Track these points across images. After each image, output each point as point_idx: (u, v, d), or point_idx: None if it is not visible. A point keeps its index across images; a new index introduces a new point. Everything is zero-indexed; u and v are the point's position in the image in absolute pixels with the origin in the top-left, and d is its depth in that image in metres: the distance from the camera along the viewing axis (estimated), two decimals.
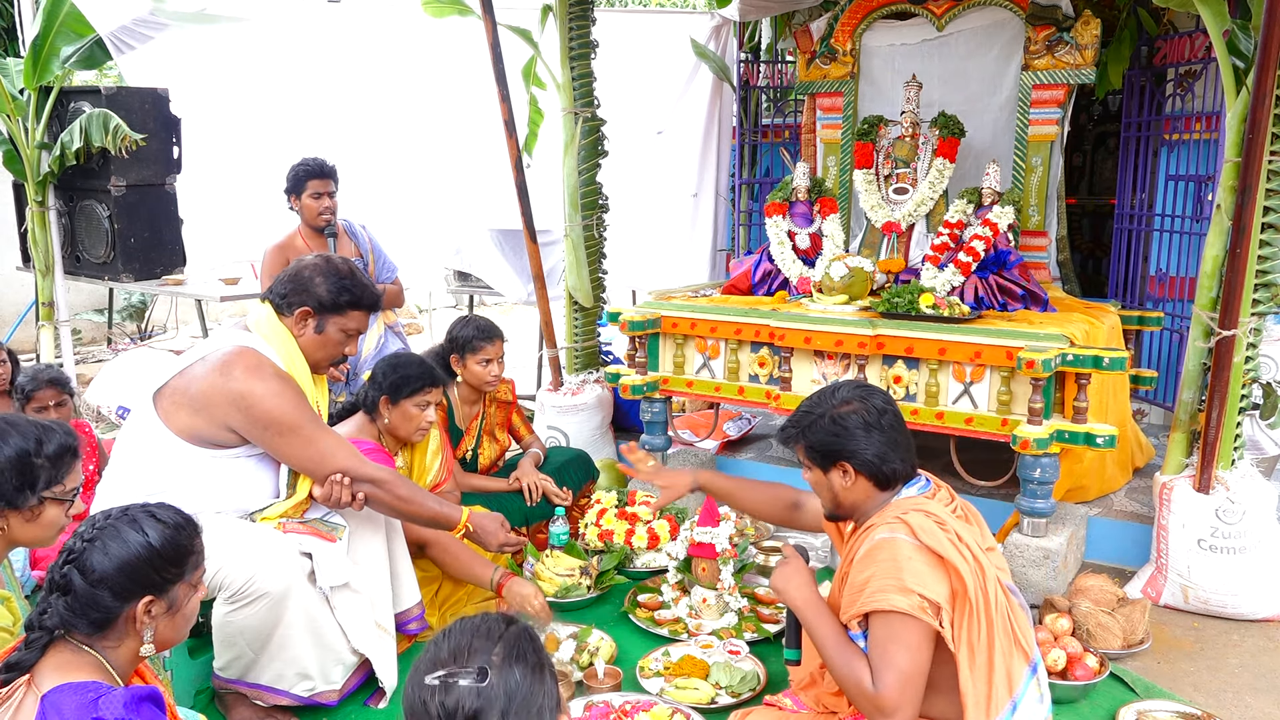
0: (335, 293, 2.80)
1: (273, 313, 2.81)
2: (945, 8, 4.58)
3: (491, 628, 1.43)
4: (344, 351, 2.90)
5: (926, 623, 2.08)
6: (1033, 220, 4.43)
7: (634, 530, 3.78)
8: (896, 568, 2.11)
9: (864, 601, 2.13)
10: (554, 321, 5.17)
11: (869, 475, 2.26)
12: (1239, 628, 3.41)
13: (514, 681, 1.35)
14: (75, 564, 1.76)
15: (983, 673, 2.12)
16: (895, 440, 2.27)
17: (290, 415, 2.66)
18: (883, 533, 2.19)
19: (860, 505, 2.31)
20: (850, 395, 2.31)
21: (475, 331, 3.73)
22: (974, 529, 2.26)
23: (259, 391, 2.62)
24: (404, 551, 3.11)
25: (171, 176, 5.46)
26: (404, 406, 3.19)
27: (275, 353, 2.75)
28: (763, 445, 5.05)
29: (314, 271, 2.82)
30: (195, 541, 1.90)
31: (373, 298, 2.90)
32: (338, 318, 2.83)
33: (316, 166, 4.37)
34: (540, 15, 5.11)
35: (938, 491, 2.31)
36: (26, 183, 5.37)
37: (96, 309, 8.69)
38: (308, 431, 2.69)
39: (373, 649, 2.80)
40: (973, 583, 2.11)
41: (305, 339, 2.82)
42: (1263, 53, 3.06)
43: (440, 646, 1.41)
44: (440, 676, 1.35)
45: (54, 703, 1.63)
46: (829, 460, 2.28)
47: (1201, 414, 3.50)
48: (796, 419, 2.36)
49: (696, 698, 2.81)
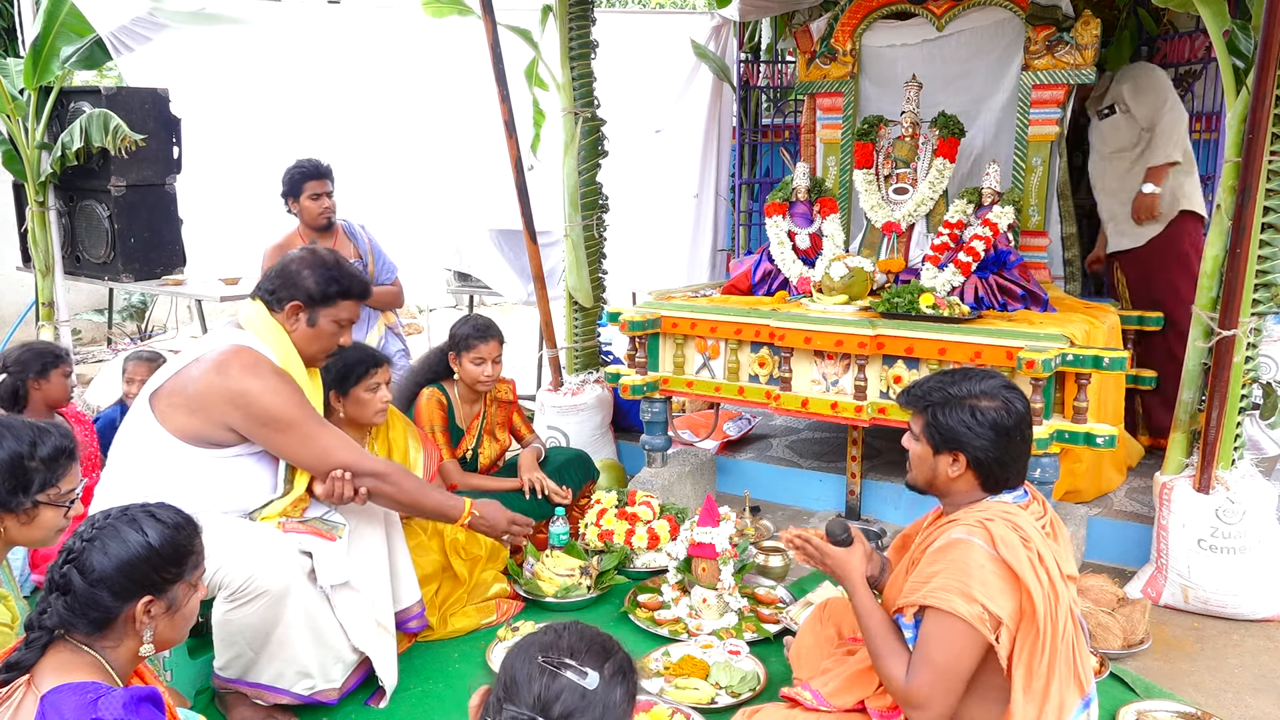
0: (324, 284, 2.79)
1: (264, 309, 2.80)
2: (945, 8, 4.58)
3: (608, 644, 1.46)
4: (338, 343, 2.88)
5: (981, 634, 2.05)
6: (1033, 220, 4.43)
7: (634, 530, 3.78)
8: (966, 573, 2.08)
9: (925, 594, 2.11)
10: (554, 322, 5.17)
11: (979, 474, 2.22)
12: (1239, 628, 3.41)
13: (613, 699, 1.39)
14: (75, 564, 1.76)
15: (1037, 697, 2.09)
16: (1020, 451, 2.22)
17: (289, 412, 2.66)
18: (960, 532, 2.15)
19: (954, 495, 2.26)
20: (994, 390, 2.22)
21: (471, 330, 3.73)
22: (1059, 548, 2.20)
23: (257, 389, 2.62)
24: (404, 549, 3.11)
25: (171, 176, 5.45)
26: (355, 394, 3.19)
27: (270, 349, 2.75)
28: (762, 445, 5.05)
29: (301, 265, 2.81)
30: (195, 541, 1.90)
31: (361, 286, 2.89)
32: (329, 309, 2.81)
33: (312, 168, 4.36)
34: (540, 15, 5.11)
35: (1031, 504, 2.26)
36: (26, 183, 5.36)
37: (96, 309, 8.69)
38: (307, 428, 2.69)
39: (373, 648, 2.80)
40: (1043, 608, 2.06)
41: (298, 333, 2.81)
42: (1263, 53, 3.06)
43: (560, 636, 1.44)
44: (553, 662, 1.38)
45: (53, 703, 1.63)
46: (947, 445, 2.22)
47: (1201, 414, 3.50)
48: (930, 389, 2.28)
49: (696, 698, 2.81)
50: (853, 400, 3.84)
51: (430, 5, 5.22)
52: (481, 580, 3.45)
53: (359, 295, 2.88)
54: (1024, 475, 2.27)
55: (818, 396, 3.93)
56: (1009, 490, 2.25)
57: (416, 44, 5.98)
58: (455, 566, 3.38)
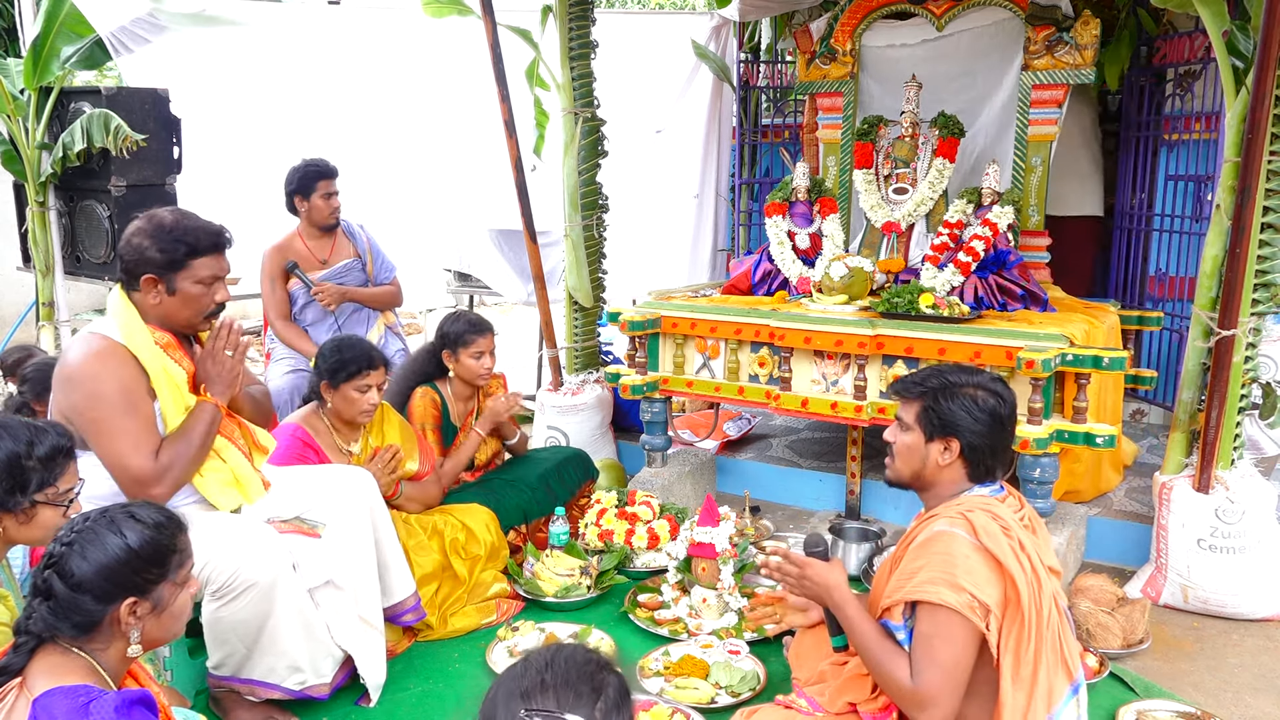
0: (169, 249, 2.59)
1: (119, 292, 2.66)
2: (945, 8, 4.58)
3: (597, 676, 1.30)
4: (213, 301, 2.68)
5: (974, 623, 2.06)
6: (1033, 220, 4.43)
7: (634, 530, 3.78)
8: (950, 563, 2.09)
9: (911, 589, 2.12)
10: (554, 321, 5.17)
11: (969, 463, 2.25)
12: (1239, 627, 3.41)
13: None
14: (55, 568, 1.74)
15: (1025, 685, 2.10)
16: (1007, 442, 2.28)
17: (94, 404, 2.52)
18: (942, 525, 2.17)
19: (938, 486, 2.28)
20: (987, 382, 2.29)
21: (466, 326, 3.73)
22: (1038, 540, 2.22)
23: (75, 378, 2.54)
24: (394, 543, 3.10)
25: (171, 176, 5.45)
26: (344, 390, 3.21)
27: (117, 331, 2.59)
28: (762, 445, 5.05)
29: (141, 236, 2.61)
30: (178, 540, 1.86)
31: (211, 238, 2.66)
32: (184, 273, 2.61)
33: (324, 167, 4.38)
34: (540, 15, 5.11)
35: (1007, 497, 2.29)
36: (27, 183, 5.36)
37: (96, 309, 8.66)
38: (111, 422, 2.53)
39: (356, 645, 2.80)
40: (1027, 594, 2.08)
41: (163, 305, 2.63)
42: (1262, 53, 3.06)
43: (543, 675, 1.28)
44: (540, 712, 1.25)
45: (45, 706, 1.62)
46: (943, 430, 2.24)
47: (1201, 414, 3.50)
48: (926, 378, 2.32)
49: (696, 698, 2.81)
50: (852, 400, 3.84)
51: (430, 5, 5.22)
52: (481, 580, 3.45)
53: (211, 249, 2.66)
54: (1008, 467, 2.31)
55: (818, 396, 3.93)
56: (989, 484, 2.28)
57: (416, 44, 5.98)
58: (455, 566, 3.38)
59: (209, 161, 5.63)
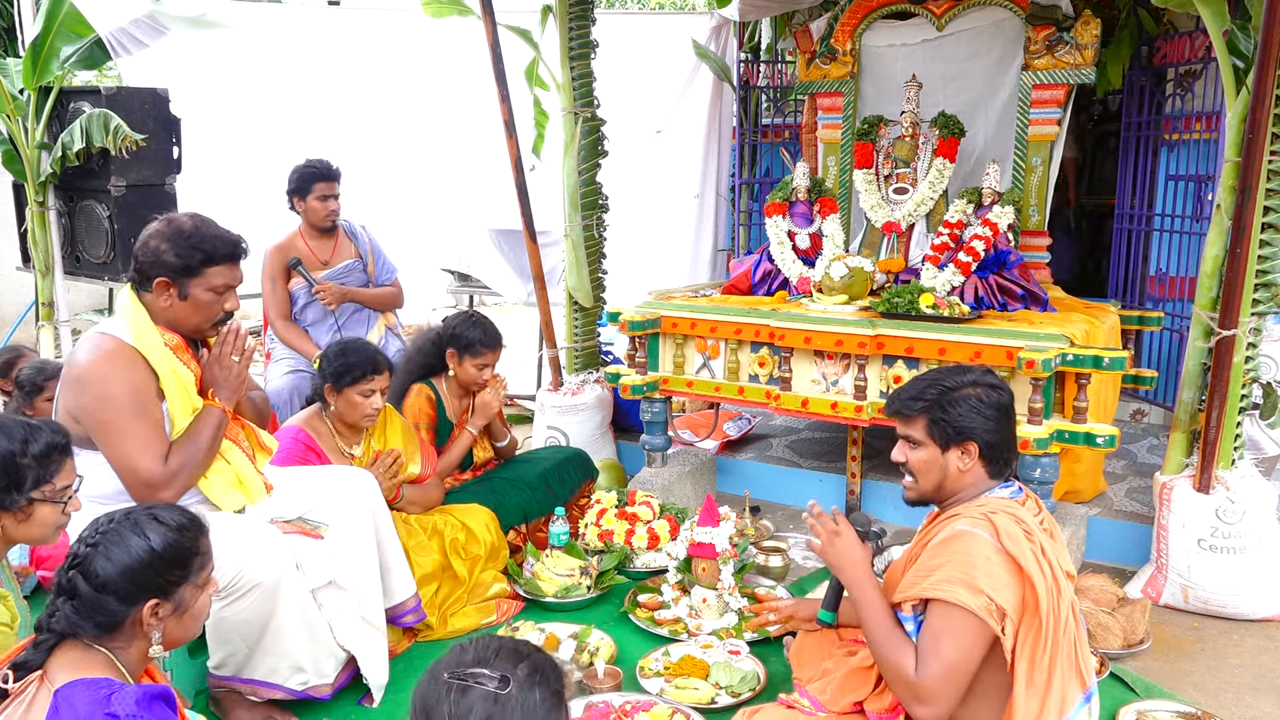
0: (186, 255, 2.61)
1: (130, 292, 2.67)
2: (945, 8, 4.58)
3: (520, 648, 1.41)
4: (222, 309, 2.70)
5: (988, 625, 2.05)
6: (1033, 220, 4.43)
7: (634, 530, 3.78)
8: (970, 564, 2.08)
9: (928, 587, 2.11)
10: (554, 321, 5.17)
11: (988, 460, 2.24)
12: (1239, 627, 3.41)
13: (533, 702, 1.33)
14: (80, 569, 1.76)
15: (1039, 691, 2.09)
16: (1013, 430, 2.30)
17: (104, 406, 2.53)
18: (964, 525, 2.16)
19: (962, 491, 2.27)
20: (980, 378, 2.29)
21: (482, 335, 3.70)
22: (1057, 546, 2.21)
23: (85, 378, 2.53)
24: (396, 544, 3.10)
25: (171, 177, 5.44)
26: (348, 394, 3.21)
27: (127, 333, 2.60)
28: (762, 445, 5.05)
29: (159, 239, 2.63)
30: (200, 542, 1.90)
31: (228, 248, 2.68)
32: (197, 279, 2.63)
33: (323, 169, 4.37)
34: (540, 15, 5.11)
35: (1027, 500, 2.28)
36: (26, 183, 5.36)
37: (96, 309, 8.67)
38: (120, 425, 2.53)
39: (359, 646, 2.80)
40: (1046, 601, 2.08)
41: (173, 309, 2.64)
42: (1263, 53, 3.06)
43: (465, 651, 1.39)
44: (459, 676, 1.33)
45: (67, 698, 1.64)
46: (957, 437, 2.23)
47: (1201, 414, 3.50)
48: (922, 390, 2.29)
49: (696, 698, 2.81)
50: (853, 400, 3.84)
51: (430, 6, 5.21)
52: (481, 580, 3.45)
53: (227, 259, 2.67)
54: (1015, 455, 2.32)
55: (818, 396, 3.93)
56: (1002, 485, 2.27)
57: (416, 44, 5.98)
58: (455, 566, 3.38)
59: (209, 161, 5.63)
